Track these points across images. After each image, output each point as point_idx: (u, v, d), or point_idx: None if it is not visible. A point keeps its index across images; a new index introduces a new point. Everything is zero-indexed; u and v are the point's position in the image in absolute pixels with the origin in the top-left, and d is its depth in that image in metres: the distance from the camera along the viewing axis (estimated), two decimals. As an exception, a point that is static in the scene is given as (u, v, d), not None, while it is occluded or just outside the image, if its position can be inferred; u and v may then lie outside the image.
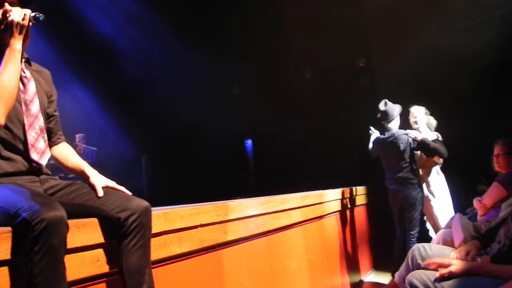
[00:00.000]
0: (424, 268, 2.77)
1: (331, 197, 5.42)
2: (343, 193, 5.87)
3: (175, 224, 2.51)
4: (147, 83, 11.23)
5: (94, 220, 2.04)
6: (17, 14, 2.11)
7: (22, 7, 2.20)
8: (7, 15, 2.14)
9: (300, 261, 4.26)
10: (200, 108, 10.75)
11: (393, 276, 5.27)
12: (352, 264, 5.92)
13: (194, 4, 10.36)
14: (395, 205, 5.85)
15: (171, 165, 11.20)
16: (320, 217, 4.98)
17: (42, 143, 2.21)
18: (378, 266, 6.99)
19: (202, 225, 2.75)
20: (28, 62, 2.36)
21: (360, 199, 6.72)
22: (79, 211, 2.06)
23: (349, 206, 6.10)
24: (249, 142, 11.39)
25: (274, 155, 9.86)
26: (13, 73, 2.04)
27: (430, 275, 2.60)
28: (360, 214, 6.65)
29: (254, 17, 9.86)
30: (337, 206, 5.62)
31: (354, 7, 8.55)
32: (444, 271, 2.54)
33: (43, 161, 2.19)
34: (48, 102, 2.39)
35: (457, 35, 7.45)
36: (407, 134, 5.67)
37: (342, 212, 5.81)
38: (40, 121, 2.22)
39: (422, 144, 5.54)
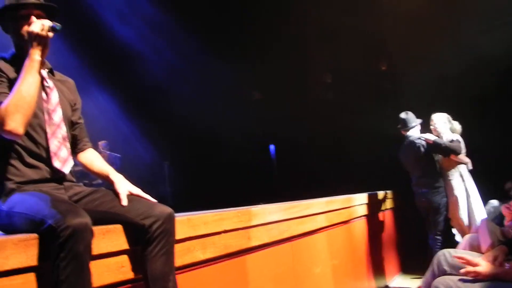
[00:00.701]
0: (450, 274, 2.73)
1: (356, 202, 5.40)
2: (368, 197, 5.83)
3: (198, 230, 2.51)
4: (168, 88, 11.28)
5: (119, 227, 2.05)
6: (36, 25, 2.14)
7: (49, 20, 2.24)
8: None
9: (325, 266, 4.23)
10: (221, 113, 10.78)
11: None
12: (378, 269, 5.87)
13: (213, 8, 10.39)
14: (420, 210, 5.87)
15: (194, 171, 11.23)
16: (345, 222, 4.95)
17: (64, 152, 2.23)
18: (404, 270, 6.93)
19: (225, 231, 2.75)
20: (51, 72, 2.39)
21: (386, 203, 6.67)
22: (103, 218, 2.07)
23: (374, 210, 6.06)
24: (272, 147, 11.37)
25: (296, 160, 9.81)
26: (32, 83, 2.06)
27: (456, 280, 2.56)
28: (386, 218, 6.60)
29: (274, 20, 9.85)
30: (362, 210, 5.58)
31: (375, 10, 8.48)
32: (470, 269, 2.50)
33: (66, 170, 2.22)
34: (72, 110, 2.42)
35: (480, 36, 7.34)
36: (420, 138, 5.71)
37: (367, 217, 5.77)
38: (63, 130, 2.26)
39: (433, 145, 5.56)
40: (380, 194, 6.39)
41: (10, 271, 1.58)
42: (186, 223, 2.42)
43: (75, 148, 2.46)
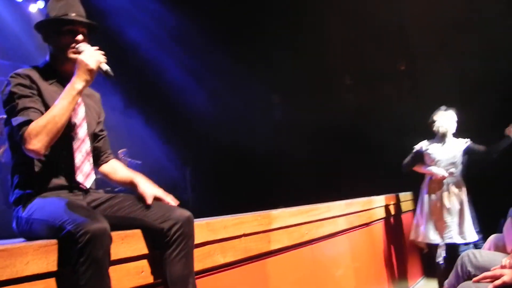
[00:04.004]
0: (474, 276, 2.68)
1: (377, 204, 5.35)
2: (388, 199, 5.77)
3: (218, 234, 2.52)
4: (189, 95, 11.33)
5: (138, 232, 2.06)
6: (92, 59, 2.13)
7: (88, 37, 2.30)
8: (77, 46, 2.21)
9: (346, 269, 4.20)
10: (242, 118, 10.77)
11: (439, 285, 5.14)
12: (400, 272, 5.80)
13: (230, 10, 10.39)
14: None
15: (215, 177, 11.24)
16: (366, 224, 4.90)
17: (87, 166, 2.26)
18: (428, 273, 6.82)
19: (245, 235, 2.75)
20: None
21: (407, 205, 6.59)
22: (122, 223, 2.09)
23: (396, 212, 5.99)
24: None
25: (317, 162, 9.73)
26: (67, 110, 2.06)
27: (480, 286, 2.51)
28: (407, 221, 6.52)
29: (292, 23, 9.83)
30: (383, 213, 5.52)
31: (395, 8, 8.40)
32: (497, 282, 2.44)
33: (88, 184, 2.24)
34: (96, 123, 2.45)
35: (505, 32, 7.16)
36: None
37: (388, 219, 5.71)
38: (87, 145, 2.28)
39: None
40: (401, 196, 6.31)
41: (31, 277, 1.60)
42: (205, 227, 2.42)
43: (98, 160, 2.49)
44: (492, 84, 6.92)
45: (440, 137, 5.31)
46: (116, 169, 2.51)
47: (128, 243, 1.98)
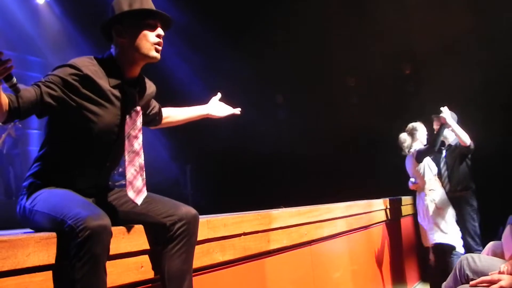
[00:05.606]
0: (472, 280, 2.68)
1: (377, 207, 5.35)
2: (389, 203, 5.77)
3: (218, 232, 2.52)
4: (190, 92, 11.31)
5: (139, 227, 2.07)
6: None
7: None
8: None
9: (344, 271, 4.20)
10: (244, 116, 10.74)
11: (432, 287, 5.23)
12: (398, 276, 5.80)
13: (231, 5, 10.37)
14: None
15: (216, 175, 11.23)
16: (365, 227, 4.91)
17: (140, 182, 2.11)
18: (425, 278, 6.82)
19: (245, 234, 2.75)
20: (143, 88, 2.30)
21: (407, 209, 6.59)
22: (126, 218, 2.09)
23: (394, 216, 5.99)
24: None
25: (318, 163, 9.72)
26: None
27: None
28: (406, 225, 6.52)
29: (296, 26, 9.83)
30: (382, 216, 5.53)
31: (400, 13, 8.40)
32: (494, 286, 2.45)
33: (139, 200, 2.08)
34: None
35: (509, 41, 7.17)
36: None
37: (388, 222, 5.71)
38: (141, 158, 2.14)
39: None
40: (400, 199, 6.31)
41: (32, 268, 1.61)
42: (205, 224, 2.42)
43: (158, 122, 2.65)
44: (494, 92, 6.93)
45: None
46: (171, 115, 2.74)
47: (128, 238, 1.98)
